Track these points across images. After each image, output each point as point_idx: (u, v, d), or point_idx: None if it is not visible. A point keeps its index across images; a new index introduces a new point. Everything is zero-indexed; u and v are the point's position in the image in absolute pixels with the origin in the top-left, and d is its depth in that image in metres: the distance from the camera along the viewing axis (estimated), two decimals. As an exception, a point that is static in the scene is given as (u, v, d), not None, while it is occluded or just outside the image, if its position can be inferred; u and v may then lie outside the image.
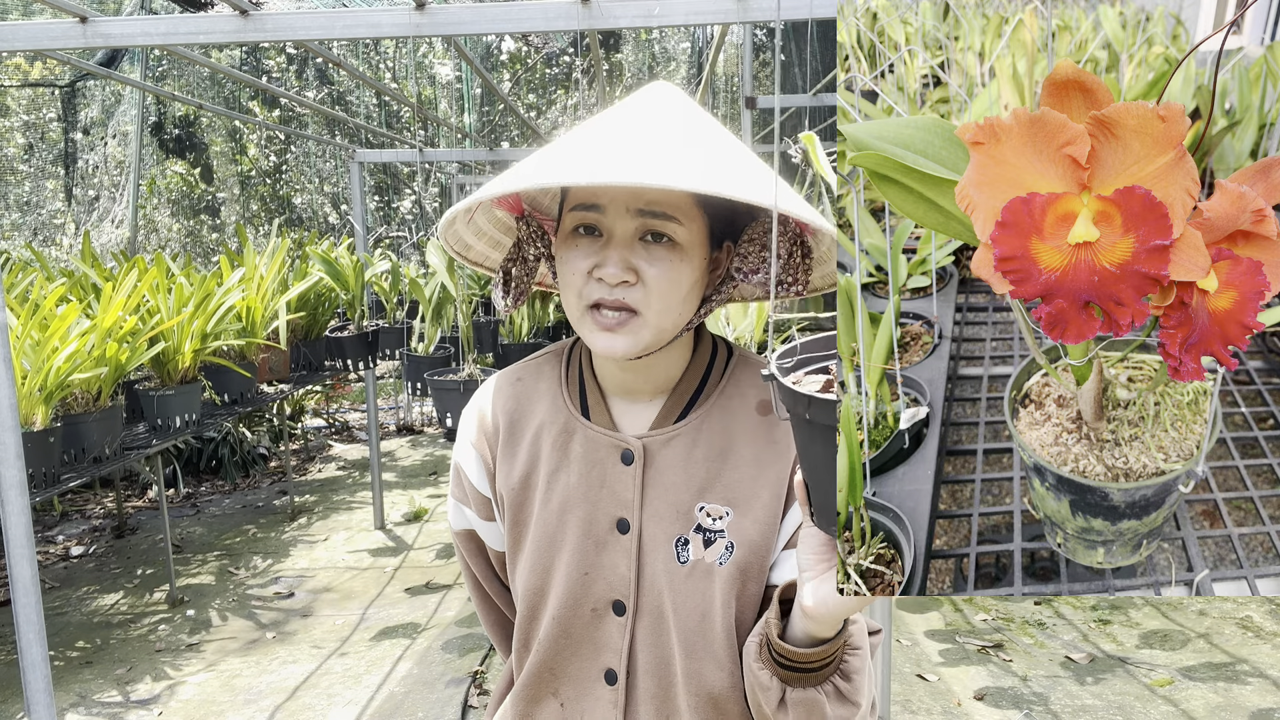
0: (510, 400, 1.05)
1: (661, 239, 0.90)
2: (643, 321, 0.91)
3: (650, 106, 0.92)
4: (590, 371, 1.03)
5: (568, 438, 1.00)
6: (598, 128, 0.90)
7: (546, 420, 1.02)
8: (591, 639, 0.98)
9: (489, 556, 1.10)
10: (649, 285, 0.89)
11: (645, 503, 0.98)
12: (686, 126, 0.89)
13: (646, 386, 1.01)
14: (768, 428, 1.00)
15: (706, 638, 0.95)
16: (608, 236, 0.90)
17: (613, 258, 0.89)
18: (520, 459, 1.02)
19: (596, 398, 1.02)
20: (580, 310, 0.92)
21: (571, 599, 0.97)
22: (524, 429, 1.03)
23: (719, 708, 0.96)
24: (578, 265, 0.91)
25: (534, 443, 1.02)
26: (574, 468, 0.99)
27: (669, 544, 0.96)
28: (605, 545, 0.97)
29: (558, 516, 0.99)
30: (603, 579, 0.97)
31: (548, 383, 1.04)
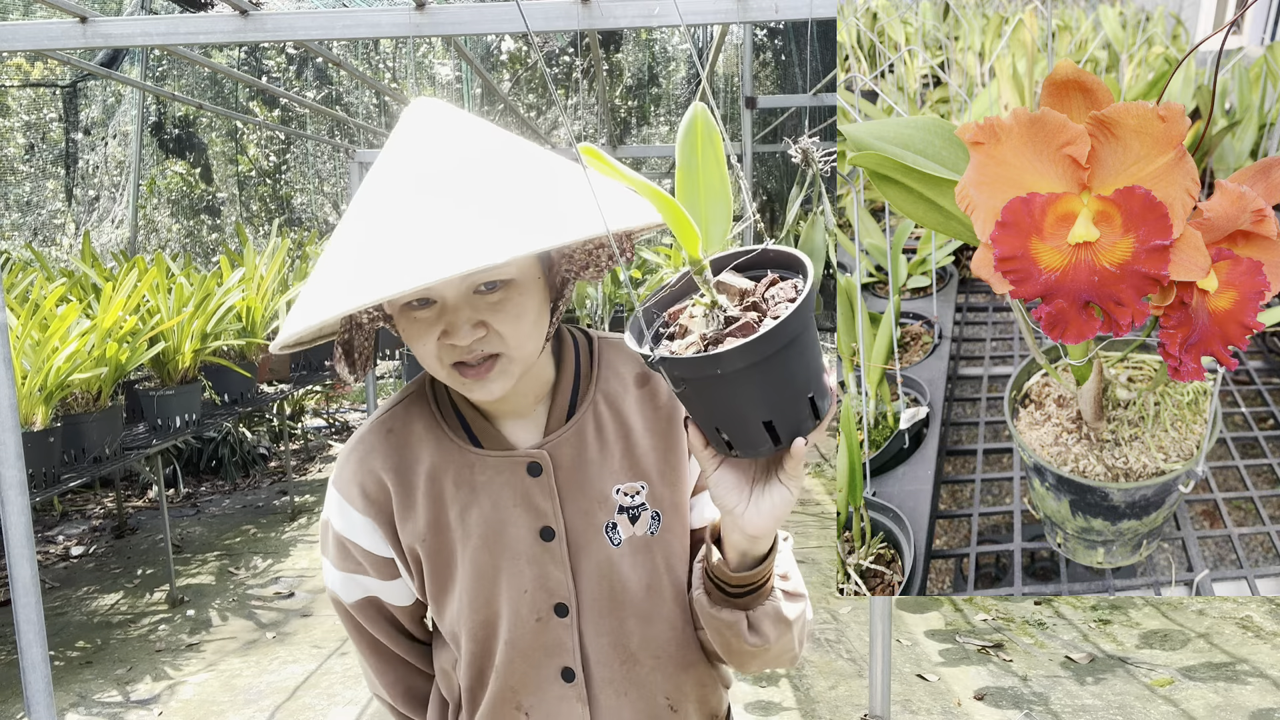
0: (389, 455, 1.02)
1: (494, 285, 0.91)
2: (508, 359, 0.92)
3: (420, 152, 0.89)
4: (466, 401, 1.03)
5: (468, 472, 1.01)
6: (380, 215, 0.86)
7: (437, 462, 1.01)
8: (542, 646, 1.01)
9: (392, 616, 1.09)
10: (501, 330, 0.91)
11: (565, 504, 1.00)
12: (465, 170, 0.87)
13: (528, 400, 1.03)
14: (650, 396, 1.06)
15: (657, 603, 1.02)
16: (442, 303, 0.90)
17: (457, 323, 0.89)
18: (421, 509, 1.01)
19: (482, 424, 1.02)
20: (445, 372, 0.93)
21: (518, 618, 1.00)
22: (414, 479, 1.01)
23: (680, 661, 1.03)
24: (426, 338, 0.91)
25: (431, 487, 1.01)
26: (484, 498, 1.00)
27: (600, 534, 1.01)
28: (535, 558, 1.00)
29: (484, 549, 1.00)
30: (541, 589, 1.00)
31: (423, 425, 1.03)
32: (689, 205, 0.78)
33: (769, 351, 0.74)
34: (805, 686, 3.33)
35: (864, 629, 3.80)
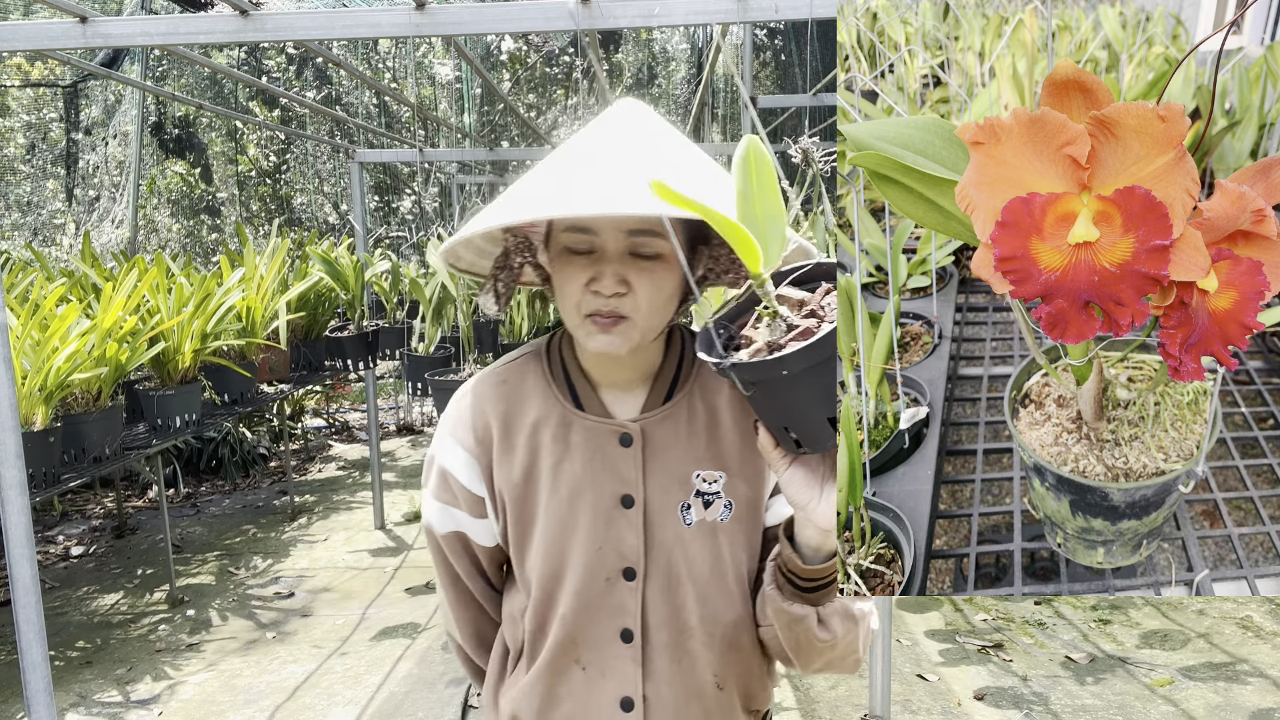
0: (500, 402, 1.12)
1: (648, 255, 1.01)
2: (633, 324, 1.02)
3: (623, 128, 1.02)
4: (578, 367, 1.13)
5: (566, 430, 1.10)
6: (581, 153, 1.00)
7: (541, 416, 1.11)
8: (607, 605, 1.09)
9: (475, 555, 1.17)
10: (639, 294, 1.01)
11: (647, 478, 1.09)
12: (658, 147, 1.00)
13: (634, 376, 1.12)
14: (740, 397, 1.13)
15: (720, 583, 1.10)
16: (600, 254, 1.01)
17: (607, 273, 1.00)
18: (519, 455, 1.10)
19: (587, 390, 1.12)
20: (578, 318, 1.03)
21: (589, 573, 1.08)
22: (518, 427, 1.11)
23: (733, 640, 1.11)
24: (576, 279, 1.01)
25: (531, 438, 1.10)
26: (577, 456, 1.09)
27: (675, 511, 1.09)
28: (613, 521, 1.08)
29: (568, 502, 1.08)
30: (614, 551, 1.08)
31: (534, 381, 1.13)
32: (747, 226, 0.84)
33: (828, 353, 0.81)
34: (805, 686, 3.32)
35: (864, 629, 3.80)
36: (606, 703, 1.09)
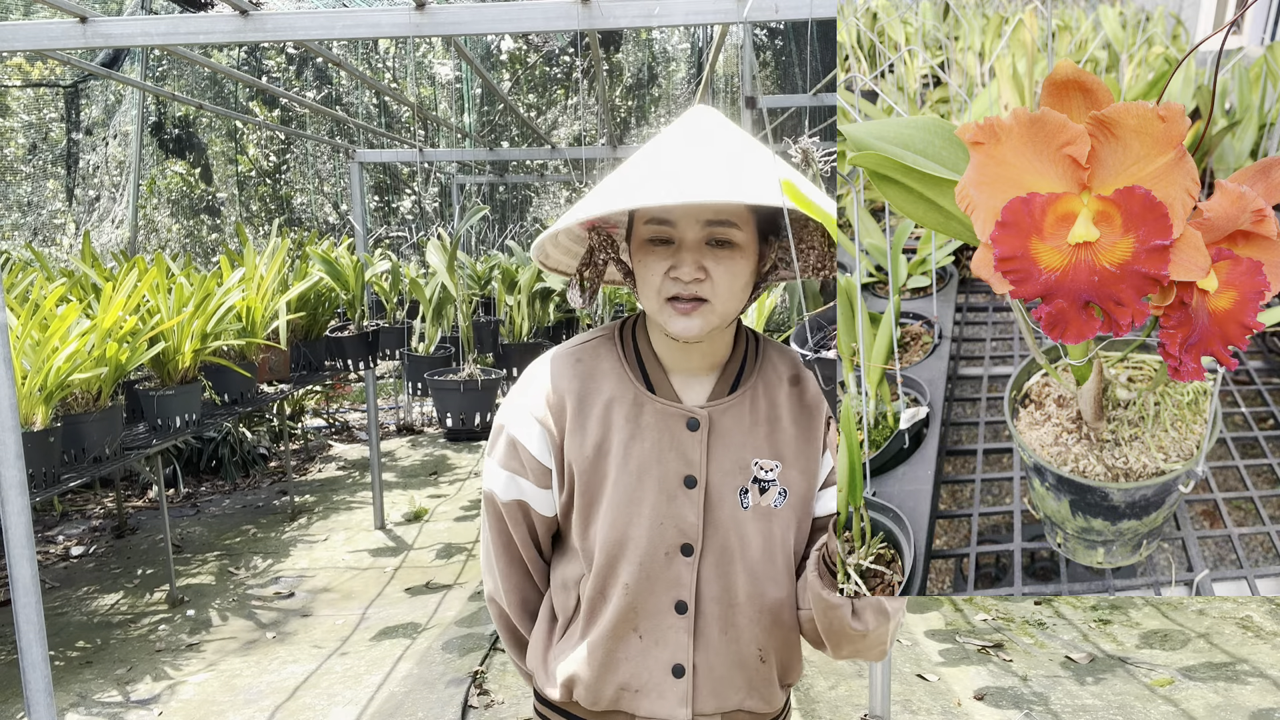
0: (575, 379, 1.19)
1: (724, 243, 1.09)
2: (711, 308, 1.10)
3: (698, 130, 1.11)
4: (650, 352, 1.20)
5: (638, 410, 1.17)
6: (660, 153, 1.09)
7: (615, 396, 1.18)
8: (665, 578, 1.16)
9: (533, 524, 1.23)
10: (716, 280, 1.09)
11: (710, 461, 1.16)
12: (730, 145, 1.09)
13: (703, 364, 1.19)
14: (799, 394, 1.23)
15: (770, 564, 1.18)
16: (679, 243, 1.10)
17: (687, 260, 1.09)
18: (591, 430, 1.17)
19: (659, 375, 1.19)
20: (659, 303, 1.11)
21: (651, 546, 1.15)
22: (592, 404, 1.18)
23: (776, 616, 1.20)
24: (656, 268, 1.10)
25: (604, 415, 1.17)
26: (647, 435, 1.16)
27: (734, 494, 1.16)
28: (675, 499, 1.15)
29: (636, 477, 1.15)
30: (675, 527, 1.15)
31: (609, 363, 1.20)
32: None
33: None
34: (805, 686, 3.32)
35: (864, 629, 3.80)
36: (660, 669, 1.17)
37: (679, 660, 1.17)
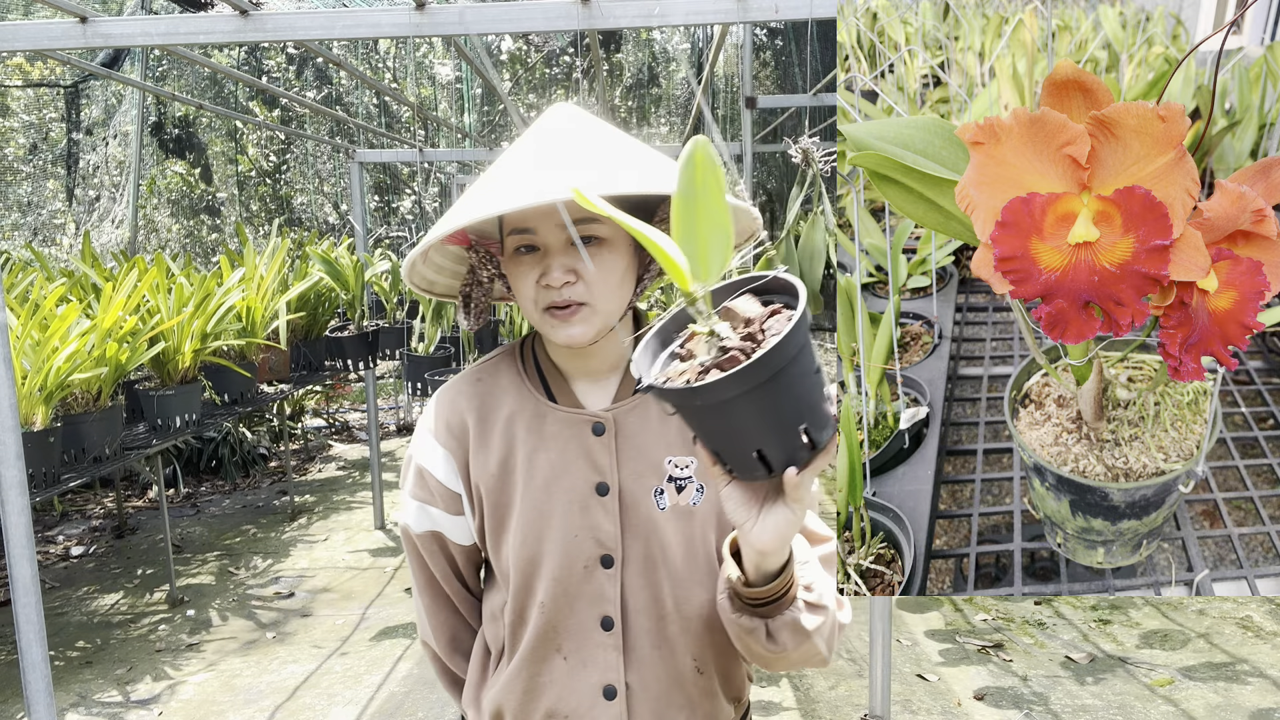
0: (475, 399, 1.16)
1: (589, 240, 1.05)
2: (591, 310, 1.05)
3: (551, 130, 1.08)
4: (549, 362, 1.17)
5: (540, 421, 1.13)
6: (509, 160, 1.05)
7: (516, 410, 1.14)
8: (586, 593, 1.10)
9: (451, 555, 1.19)
10: (589, 279, 1.04)
11: (620, 465, 1.11)
12: (584, 140, 1.05)
13: (603, 366, 1.15)
14: None
15: (693, 566, 1.12)
16: (545, 250, 1.06)
17: (554, 265, 1.04)
18: (495, 448, 1.13)
19: (559, 383, 1.15)
20: (538, 314, 1.07)
21: (566, 560, 1.09)
22: (494, 421, 1.14)
23: (707, 622, 1.12)
24: (527, 278, 1.06)
25: (506, 431, 1.13)
26: (552, 446, 1.11)
27: (648, 496, 1.11)
28: (589, 508, 1.10)
29: (544, 490, 1.10)
30: (591, 538, 1.10)
31: (508, 378, 1.17)
32: (687, 235, 0.79)
33: (752, 384, 0.74)
34: (805, 686, 3.32)
35: (864, 629, 3.80)
36: (589, 691, 1.10)
37: (609, 681, 1.10)
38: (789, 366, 0.75)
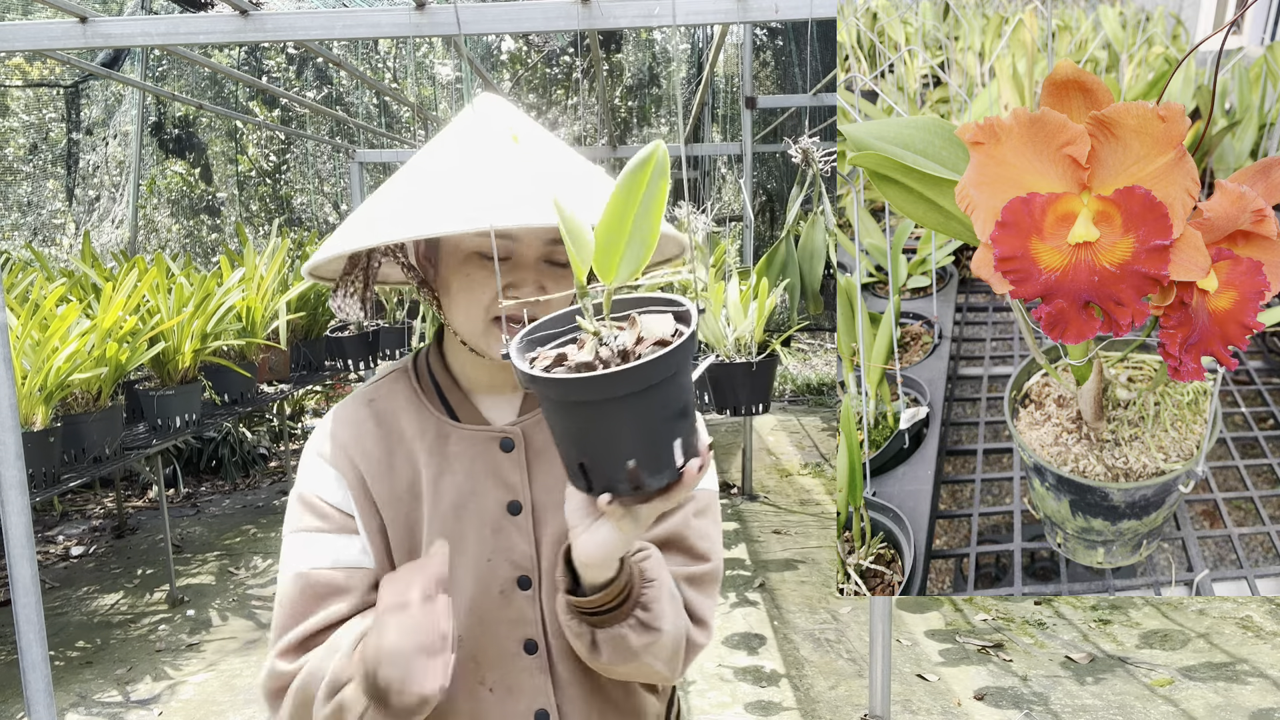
0: (369, 422, 1.07)
1: (560, 263, 1.01)
2: None
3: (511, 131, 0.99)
4: (449, 379, 1.09)
5: (443, 442, 1.05)
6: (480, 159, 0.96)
7: (415, 431, 1.06)
8: (505, 618, 1.03)
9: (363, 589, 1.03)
10: (553, 303, 1.00)
11: (533, 481, 1.05)
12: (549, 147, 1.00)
13: (511, 380, 1.08)
14: None
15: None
16: (517, 260, 1.00)
17: (529, 280, 1.00)
18: (396, 474, 1.04)
19: (460, 400, 1.08)
20: (484, 323, 1.00)
21: (481, 585, 1.03)
22: (392, 445, 1.06)
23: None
24: (485, 286, 0.99)
25: (408, 454, 1.05)
26: (457, 467, 1.04)
27: (559, 511, 1.00)
28: (501, 529, 1.03)
29: (453, 515, 1.03)
30: (505, 560, 1.03)
31: (404, 398, 1.08)
32: (612, 233, 0.77)
33: (588, 397, 0.73)
34: (805, 686, 3.33)
35: (864, 629, 3.80)
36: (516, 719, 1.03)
37: (540, 705, 1.03)
38: (639, 397, 0.73)
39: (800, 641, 3.71)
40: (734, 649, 3.66)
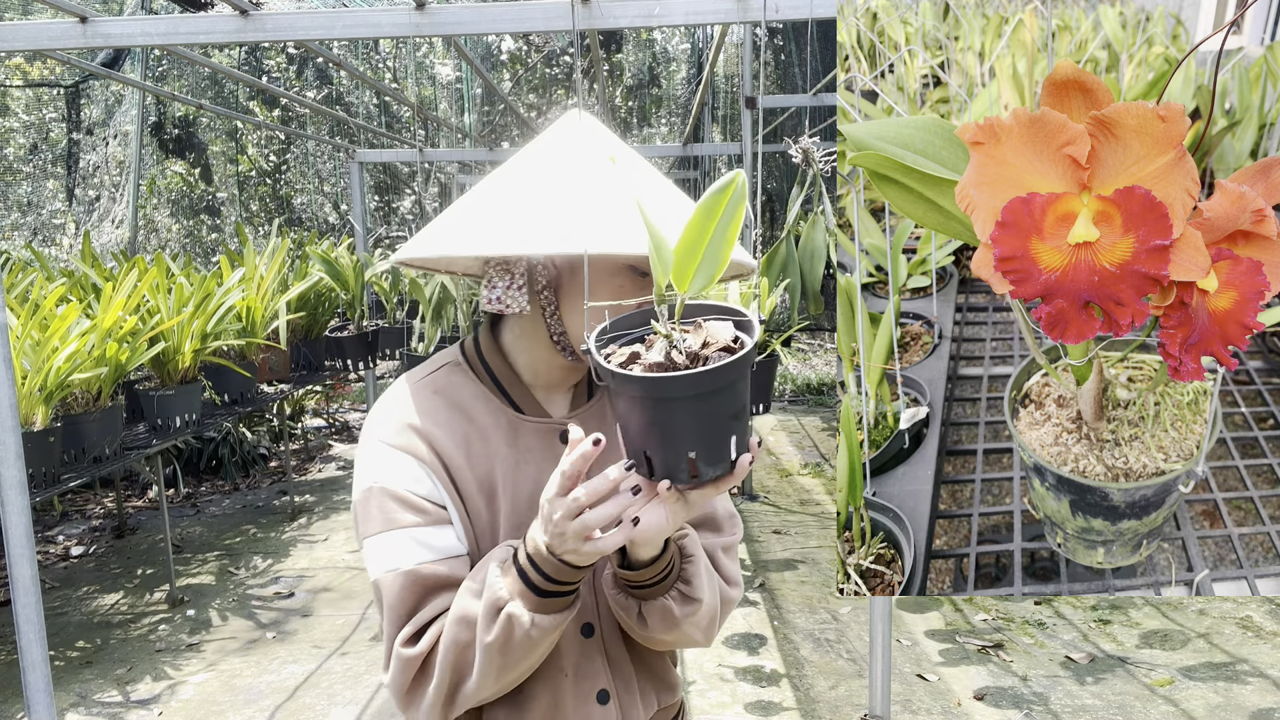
0: (444, 409, 1.10)
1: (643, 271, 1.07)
2: None
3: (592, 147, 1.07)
4: (509, 373, 1.13)
5: (514, 433, 1.10)
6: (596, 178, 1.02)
7: (489, 422, 1.10)
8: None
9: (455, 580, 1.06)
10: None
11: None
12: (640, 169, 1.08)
13: (572, 378, 1.15)
14: None
15: None
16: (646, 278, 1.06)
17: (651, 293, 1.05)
18: (476, 459, 1.08)
19: (521, 393, 1.13)
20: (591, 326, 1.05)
21: None
22: (470, 432, 1.09)
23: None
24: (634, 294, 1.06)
25: (484, 443, 1.09)
26: (531, 459, 1.10)
27: None
28: None
29: (527, 504, 1.08)
30: None
31: (469, 391, 1.12)
32: (690, 245, 0.85)
33: (663, 395, 0.81)
34: (805, 686, 3.33)
35: (864, 629, 3.80)
36: (584, 701, 1.10)
37: (601, 686, 1.10)
38: (707, 396, 0.82)
39: (800, 641, 3.71)
40: (734, 649, 3.66)
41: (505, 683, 1.00)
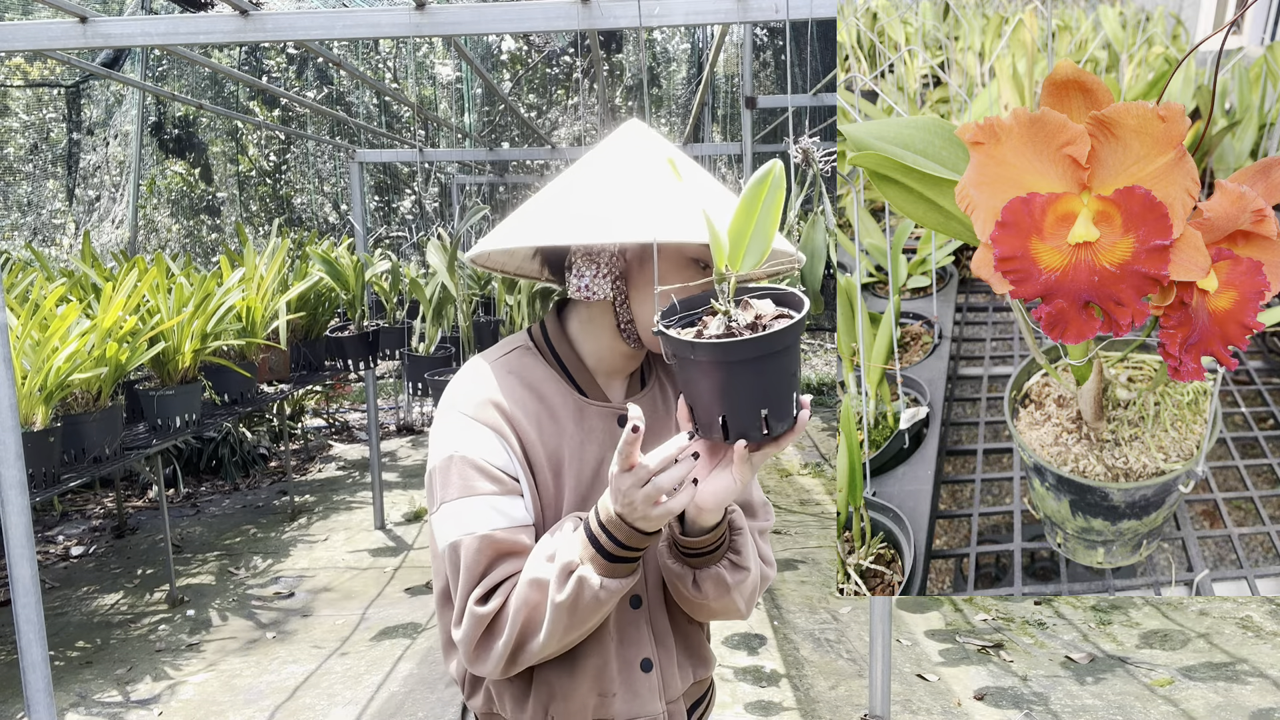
0: (520, 388, 1.18)
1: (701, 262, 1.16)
2: None
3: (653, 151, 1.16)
4: (574, 358, 1.22)
5: (581, 415, 1.19)
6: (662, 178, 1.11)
7: (560, 402, 1.19)
8: None
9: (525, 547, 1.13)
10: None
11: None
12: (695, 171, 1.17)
13: (631, 366, 1.23)
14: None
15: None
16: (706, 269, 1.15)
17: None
18: (546, 435, 1.16)
19: (588, 379, 1.21)
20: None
21: None
22: (543, 410, 1.17)
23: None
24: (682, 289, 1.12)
25: (555, 421, 1.17)
26: (594, 439, 1.18)
27: None
28: None
29: (591, 482, 1.17)
30: None
31: (540, 371, 1.21)
32: (738, 230, 0.96)
33: (736, 358, 0.91)
34: (805, 686, 3.33)
35: (864, 629, 3.80)
36: (629, 667, 1.18)
37: (645, 655, 1.19)
38: (771, 357, 0.91)
39: (800, 641, 3.71)
40: (734, 649, 3.66)
41: (567, 642, 1.08)
